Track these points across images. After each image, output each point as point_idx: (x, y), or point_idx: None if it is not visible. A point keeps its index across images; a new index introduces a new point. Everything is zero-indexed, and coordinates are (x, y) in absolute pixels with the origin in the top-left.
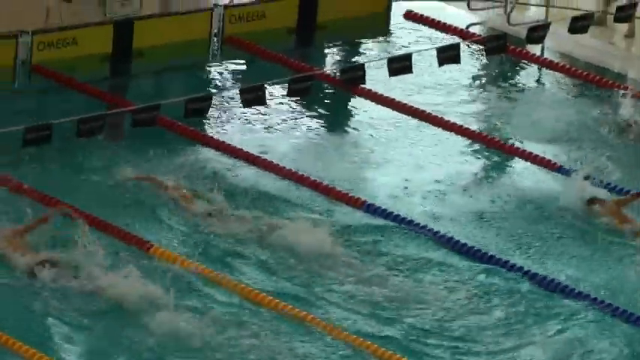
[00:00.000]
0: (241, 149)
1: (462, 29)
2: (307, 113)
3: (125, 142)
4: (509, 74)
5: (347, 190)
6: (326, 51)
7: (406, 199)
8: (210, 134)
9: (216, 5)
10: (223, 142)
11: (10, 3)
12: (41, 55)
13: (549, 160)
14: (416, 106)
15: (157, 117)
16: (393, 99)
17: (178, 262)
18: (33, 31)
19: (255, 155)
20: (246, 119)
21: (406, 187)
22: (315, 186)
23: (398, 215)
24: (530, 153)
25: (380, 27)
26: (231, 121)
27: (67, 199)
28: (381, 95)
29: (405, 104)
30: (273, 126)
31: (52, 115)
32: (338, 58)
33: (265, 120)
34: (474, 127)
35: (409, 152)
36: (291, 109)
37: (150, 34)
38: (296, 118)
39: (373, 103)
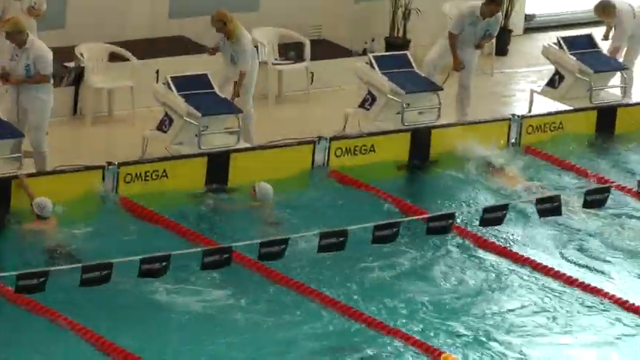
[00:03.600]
0: (533, 260)
1: None
2: (602, 221)
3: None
4: None
5: None
6: (624, 162)
7: None
8: (503, 244)
9: (514, 115)
10: (516, 253)
11: (312, 109)
12: (338, 160)
13: None
14: None
15: (452, 225)
16: None
17: None
18: (331, 137)
19: (548, 267)
20: (542, 227)
21: None
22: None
23: None
24: None
25: None
26: (527, 233)
27: None
28: None
29: None
30: (572, 239)
31: (348, 219)
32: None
33: (563, 230)
34: None
35: None
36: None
37: (446, 142)
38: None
39: None
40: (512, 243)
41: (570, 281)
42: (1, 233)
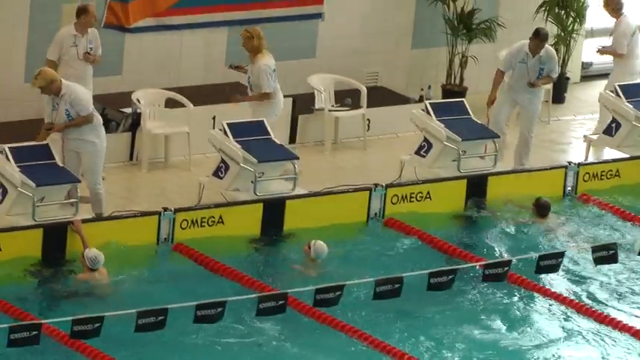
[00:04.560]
0: (589, 307)
1: None
2: None
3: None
4: None
5: None
6: None
7: None
8: (558, 292)
9: (570, 163)
10: (572, 300)
11: (368, 156)
12: (394, 207)
13: None
14: None
15: (508, 272)
16: None
17: None
18: (387, 184)
19: (604, 314)
20: (598, 279)
21: None
22: None
23: None
24: None
25: None
26: (582, 279)
27: None
28: None
29: None
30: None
31: (403, 266)
32: None
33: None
34: None
35: None
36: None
37: (498, 189)
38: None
39: None
40: (570, 291)
41: (627, 329)
42: (56, 279)
